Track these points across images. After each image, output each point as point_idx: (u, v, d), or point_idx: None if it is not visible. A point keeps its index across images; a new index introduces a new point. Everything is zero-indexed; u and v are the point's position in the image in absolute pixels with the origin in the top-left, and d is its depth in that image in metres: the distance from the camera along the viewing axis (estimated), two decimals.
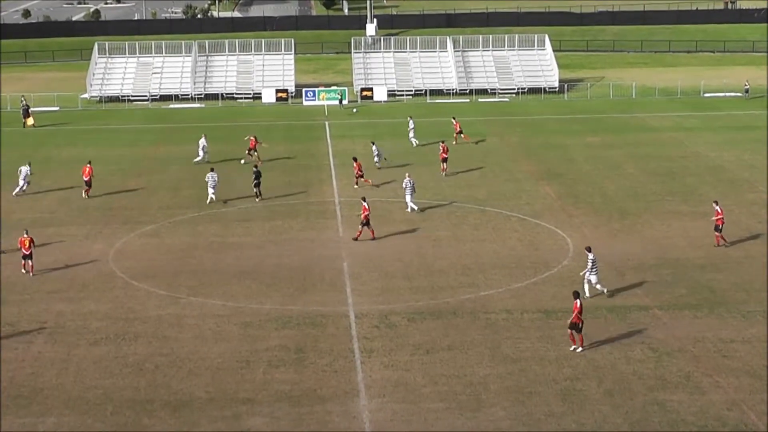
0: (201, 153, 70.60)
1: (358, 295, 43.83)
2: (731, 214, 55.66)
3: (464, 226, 54.25)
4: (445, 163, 65.85)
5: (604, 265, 47.10)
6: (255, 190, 59.50)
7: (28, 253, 47.25)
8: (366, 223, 51.42)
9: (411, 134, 76.53)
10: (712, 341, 38.34)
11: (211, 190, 58.84)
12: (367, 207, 51.44)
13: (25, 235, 47.51)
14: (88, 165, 62.26)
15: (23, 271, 47.36)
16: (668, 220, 55.03)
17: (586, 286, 42.85)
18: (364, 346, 38.19)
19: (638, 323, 40.18)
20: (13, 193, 61.39)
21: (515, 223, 54.87)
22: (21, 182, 62.03)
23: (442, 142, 68.31)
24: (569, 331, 37.51)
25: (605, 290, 43.18)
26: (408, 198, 56.89)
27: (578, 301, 37.21)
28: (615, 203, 58.57)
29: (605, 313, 41.21)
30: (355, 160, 63.62)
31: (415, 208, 56.75)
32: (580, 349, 37.22)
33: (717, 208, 50.24)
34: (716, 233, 50.07)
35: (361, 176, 62.80)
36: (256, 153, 70.41)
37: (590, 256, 42.82)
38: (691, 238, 51.52)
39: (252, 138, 71.64)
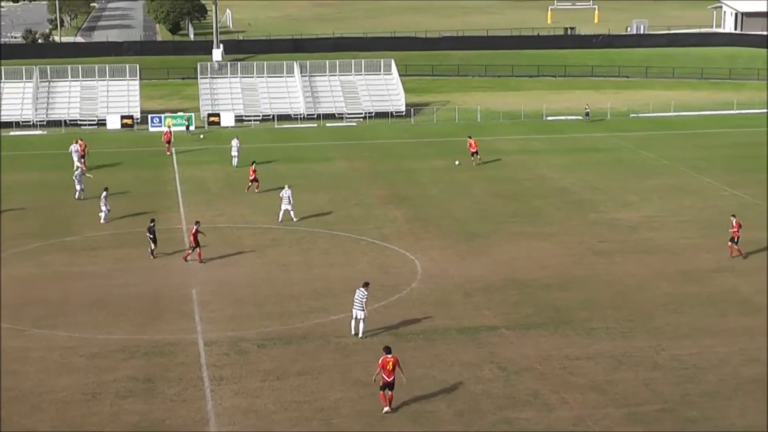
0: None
1: (208, 322, 43.38)
2: (575, 234, 57.02)
3: (314, 251, 54.24)
4: (477, 155, 77.31)
5: (452, 287, 47.72)
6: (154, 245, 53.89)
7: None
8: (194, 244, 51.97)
9: (235, 153, 77.84)
10: (558, 359, 39.09)
11: None
12: (194, 230, 51.96)
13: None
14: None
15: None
16: (515, 241, 55.96)
17: (358, 324, 41.38)
18: (214, 374, 37.80)
19: (487, 343, 40.71)
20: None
21: (365, 246, 55.10)
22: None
23: (470, 137, 79.12)
24: (380, 392, 34.68)
25: (361, 333, 41.29)
26: (288, 207, 59.59)
27: (389, 356, 34.47)
28: (463, 225, 59.31)
29: (454, 335, 41.64)
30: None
31: (282, 217, 59.88)
32: (387, 409, 34.49)
33: (734, 221, 52.09)
34: (731, 244, 52.01)
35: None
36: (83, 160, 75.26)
37: (363, 291, 41.22)
38: (537, 258, 52.51)
39: (81, 143, 77.08)
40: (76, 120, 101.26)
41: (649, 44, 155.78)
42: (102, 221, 59.93)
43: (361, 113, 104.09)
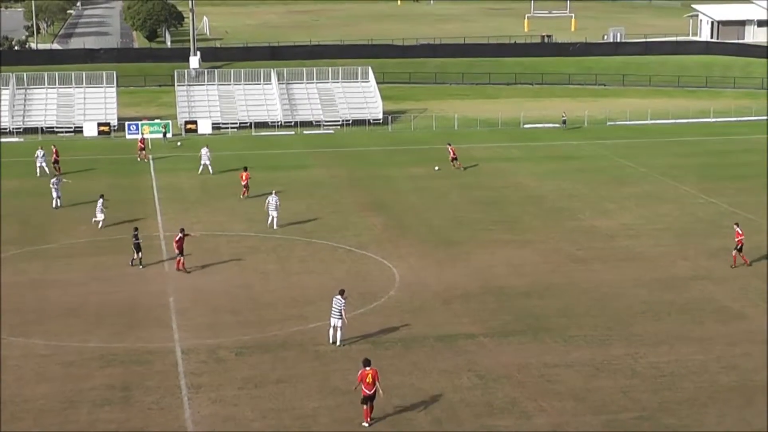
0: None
1: (185, 330, 43.23)
2: (553, 241, 57.12)
3: (291, 259, 54.15)
4: (456, 161, 78.73)
5: (430, 295, 47.72)
6: (138, 254, 52.76)
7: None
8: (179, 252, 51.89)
9: (206, 161, 77.97)
10: (537, 366, 39.14)
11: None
12: (178, 237, 51.80)
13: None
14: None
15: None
16: (492, 248, 56.01)
17: (336, 332, 41.21)
18: (192, 382, 37.67)
19: (465, 351, 40.72)
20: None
21: (342, 254, 55.04)
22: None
23: (449, 144, 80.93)
24: (362, 406, 34.34)
25: (339, 341, 41.18)
26: (274, 214, 59.89)
27: (368, 368, 34.15)
28: (440, 233, 59.32)
29: (432, 342, 41.63)
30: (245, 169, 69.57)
31: (274, 226, 59.93)
32: (366, 424, 34.19)
33: (738, 229, 52.11)
34: (734, 253, 51.95)
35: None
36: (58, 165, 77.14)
37: (340, 299, 41.09)
38: (515, 266, 52.58)
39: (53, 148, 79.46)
40: (53, 127, 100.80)
41: (625, 52, 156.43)
42: (99, 227, 59.96)
43: (339, 121, 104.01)
